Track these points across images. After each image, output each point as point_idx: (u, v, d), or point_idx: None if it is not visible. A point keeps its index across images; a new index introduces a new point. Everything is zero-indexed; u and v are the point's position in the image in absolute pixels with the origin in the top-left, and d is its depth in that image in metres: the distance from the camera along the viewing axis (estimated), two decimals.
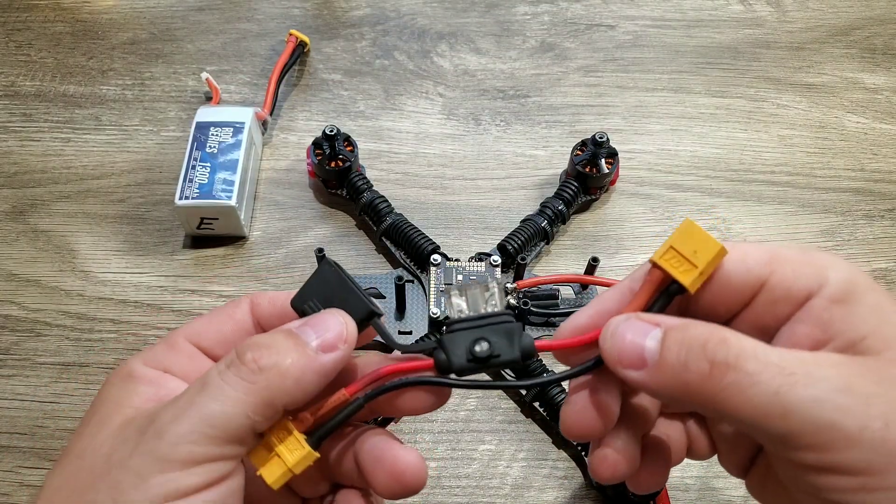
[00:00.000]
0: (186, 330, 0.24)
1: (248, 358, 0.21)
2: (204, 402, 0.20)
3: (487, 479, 0.39)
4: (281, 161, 0.51)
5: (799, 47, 0.58)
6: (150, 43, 0.57)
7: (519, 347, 0.23)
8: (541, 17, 0.60)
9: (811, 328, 0.21)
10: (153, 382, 0.23)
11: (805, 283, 0.21)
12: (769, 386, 0.18)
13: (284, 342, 0.22)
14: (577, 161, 0.47)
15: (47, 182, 0.49)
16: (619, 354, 0.21)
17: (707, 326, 0.20)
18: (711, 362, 0.19)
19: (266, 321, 0.25)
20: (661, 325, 0.21)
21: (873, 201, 0.50)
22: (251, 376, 0.21)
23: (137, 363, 0.24)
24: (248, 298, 0.25)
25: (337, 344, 0.22)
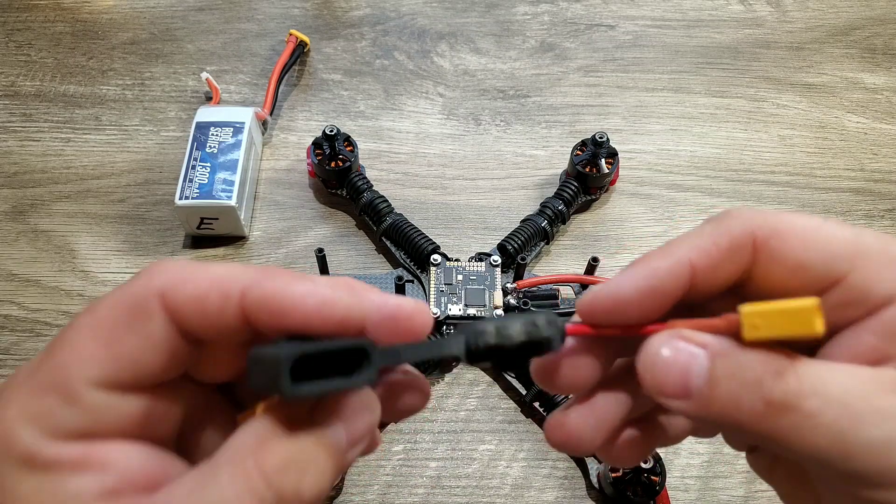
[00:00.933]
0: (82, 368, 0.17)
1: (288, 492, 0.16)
2: None
3: (487, 479, 0.39)
4: (281, 161, 0.51)
5: (799, 47, 0.58)
6: (150, 43, 0.57)
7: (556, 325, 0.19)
8: (541, 17, 0.60)
9: (879, 340, 0.18)
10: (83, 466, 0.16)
11: (886, 287, 0.18)
12: (832, 428, 0.17)
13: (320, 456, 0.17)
14: (577, 161, 0.47)
15: (47, 182, 0.49)
16: (662, 384, 0.18)
17: (758, 353, 0.18)
18: (767, 401, 0.17)
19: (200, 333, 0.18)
20: (706, 348, 0.18)
21: (873, 201, 0.50)
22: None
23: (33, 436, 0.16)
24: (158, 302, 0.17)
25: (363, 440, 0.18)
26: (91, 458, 0.16)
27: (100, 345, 0.17)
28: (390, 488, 0.39)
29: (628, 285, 0.19)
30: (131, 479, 0.17)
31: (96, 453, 0.17)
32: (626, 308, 0.19)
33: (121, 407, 0.17)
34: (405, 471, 0.39)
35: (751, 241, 0.19)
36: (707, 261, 0.19)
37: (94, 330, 0.17)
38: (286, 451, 0.17)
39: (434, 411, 0.41)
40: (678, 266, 0.19)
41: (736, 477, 0.39)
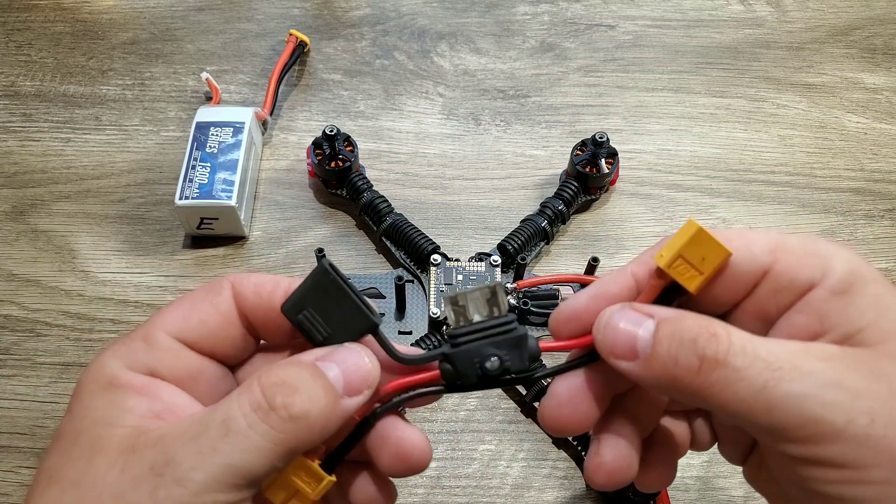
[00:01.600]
0: (165, 323, 0.22)
1: (278, 404, 0.19)
2: (230, 450, 0.19)
3: (487, 479, 0.39)
4: (281, 161, 0.51)
5: (799, 47, 0.58)
6: (150, 43, 0.57)
7: (527, 355, 0.22)
8: (541, 17, 0.60)
9: (809, 319, 0.21)
10: (144, 392, 0.21)
11: (808, 273, 0.21)
12: (755, 381, 0.19)
13: (312, 384, 0.20)
14: (577, 161, 0.47)
15: (47, 182, 0.49)
16: (612, 345, 0.21)
17: (699, 319, 0.20)
18: (701, 357, 0.19)
19: (252, 314, 0.23)
20: (654, 317, 0.21)
21: (873, 201, 0.50)
22: (281, 425, 0.19)
23: (118, 366, 0.21)
24: (229, 284, 0.23)
25: (362, 388, 0.21)
26: (151, 388, 0.21)
27: (181, 309, 0.22)
28: None
29: (581, 297, 0.23)
30: (174, 411, 0.21)
31: (155, 386, 0.21)
32: (581, 316, 0.22)
33: (184, 357, 0.22)
34: None
35: None
36: (645, 268, 0.22)
37: (180, 301, 0.23)
38: (284, 374, 0.20)
39: (434, 411, 0.41)
40: (621, 276, 0.23)
41: (736, 477, 0.39)
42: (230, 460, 0.19)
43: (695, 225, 0.21)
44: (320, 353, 0.21)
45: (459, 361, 0.22)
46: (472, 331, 0.22)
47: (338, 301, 0.22)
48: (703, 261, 0.21)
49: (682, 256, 0.21)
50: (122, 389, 0.21)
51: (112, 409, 0.20)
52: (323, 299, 0.22)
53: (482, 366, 0.22)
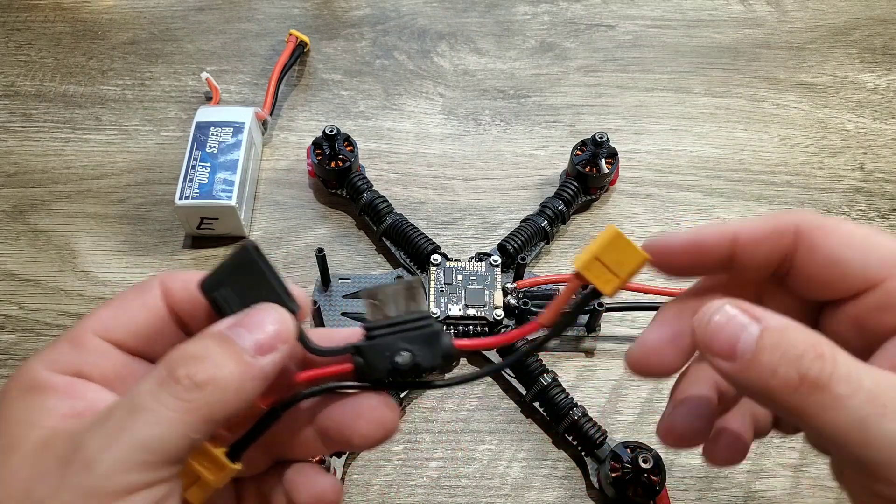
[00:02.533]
0: (92, 323, 0.22)
1: (181, 374, 0.19)
2: (137, 427, 0.18)
3: (487, 479, 0.39)
4: (281, 161, 0.51)
5: (799, 47, 0.58)
6: (150, 43, 0.57)
7: (440, 352, 0.22)
8: (541, 17, 0.60)
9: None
10: (66, 392, 0.20)
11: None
12: (856, 413, 0.18)
13: (218, 350, 0.20)
14: (577, 161, 0.47)
15: (47, 182, 0.49)
16: (712, 341, 0.20)
17: (807, 335, 0.19)
18: (803, 376, 0.18)
19: (180, 307, 0.22)
20: (760, 321, 0.19)
21: (873, 201, 0.50)
22: (187, 394, 0.19)
23: (40, 368, 0.21)
24: (157, 282, 0.22)
25: (275, 344, 0.20)
26: (73, 388, 0.21)
27: (110, 309, 0.22)
28: (390, 488, 0.39)
29: (677, 237, 0.22)
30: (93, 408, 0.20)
31: (78, 386, 0.21)
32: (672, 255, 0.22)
33: (112, 357, 0.22)
34: (405, 471, 0.39)
35: (794, 229, 0.21)
36: (749, 235, 0.21)
37: (109, 301, 0.22)
38: (187, 348, 0.20)
39: (434, 411, 0.41)
40: (722, 232, 0.22)
41: (736, 477, 0.39)
42: (138, 437, 0.18)
43: (613, 229, 0.21)
44: (229, 321, 0.21)
45: (371, 354, 0.22)
46: (386, 324, 0.22)
47: (257, 284, 0.21)
48: (619, 265, 0.21)
49: (599, 259, 0.21)
50: (42, 391, 0.20)
51: (31, 410, 0.20)
52: (242, 280, 0.21)
53: (392, 360, 0.21)
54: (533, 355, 0.40)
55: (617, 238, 0.21)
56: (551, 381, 0.39)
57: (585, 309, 0.42)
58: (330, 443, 0.23)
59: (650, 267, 0.23)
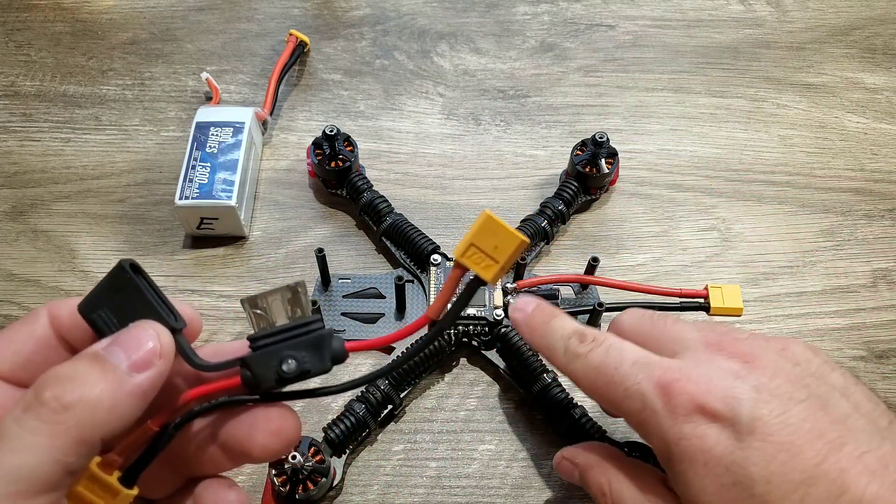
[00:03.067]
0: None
1: (47, 397, 0.18)
2: (3, 456, 0.18)
3: (487, 479, 0.39)
4: (281, 161, 0.51)
5: (799, 47, 0.58)
6: (150, 43, 0.57)
7: (329, 356, 0.21)
8: (541, 17, 0.60)
9: None
10: None
11: None
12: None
13: (89, 370, 0.19)
14: (577, 161, 0.47)
15: (47, 182, 0.49)
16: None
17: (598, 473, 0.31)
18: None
19: (69, 333, 0.22)
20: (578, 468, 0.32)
21: (873, 201, 0.50)
22: (54, 416, 0.18)
23: None
24: (46, 309, 0.22)
25: (151, 360, 0.20)
26: None
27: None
28: (390, 488, 0.39)
29: None
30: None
31: None
32: None
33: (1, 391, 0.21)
34: (405, 471, 0.39)
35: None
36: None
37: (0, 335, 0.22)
38: (58, 370, 0.20)
39: (434, 411, 0.41)
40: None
41: None
42: (5, 467, 0.18)
43: (485, 214, 0.21)
44: (105, 341, 0.21)
45: (257, 365, 0.21)
46: (272, 333, 0.21)
47: (135, 303, 0.21)
48: (495, 249, 0.21)
49: (475, 245, 0.21)
50: None
51: None
52: (120, 300, 0.21)
53: (279, 368, 0.21)
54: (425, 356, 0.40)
55: (488, 221, 0.21)
56: (551, 380, 0.39)
57: (584, 309, 0.42)
58: (233, 457, 0.23)
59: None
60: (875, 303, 0.45)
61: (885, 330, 0.44)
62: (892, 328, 0.44)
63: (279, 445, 0.22)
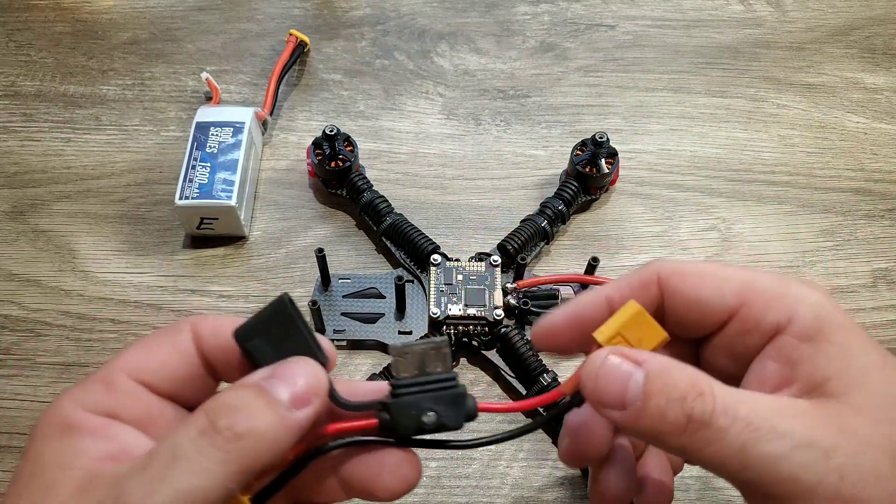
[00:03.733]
0: (124, 363, 0.22)
1: (222, 425, 0.19)
2: (179, 476, 0.19)
3: (487, 479, 0.39)
4: (281, 161, 0.51)
5: (799, 47, 0.58)
6: (151, 43, 0.57)
7: (464, 414, 0.23)
8: (541, 17, 0.60)
9: (779, 366, 0.22)
10: (100, 434, 0.20)
11: (774, 317, 0.22)
12: (735, 441, 0.20)
13: (256, 402, 0.20)
14: (577, 161, 0.47)
15: (47, 182, 0.49)
16: (602, 394, 0.21)
17: (687, 374, 0.21)
18: (689, 417, 0.20)
19: (210, 353, 0.23)
20: (642, 366, 0.21)
21: (873, 201, 0.50)
22: (227, 445, 0.19)
23: (74, 408, 0.21)
24: (189, 325, 0.23)
25: (310, 398, 0.21)
26: (107, 430, 0.21)
27: (141, 350, 0.22)
28: None
29: (558, 315, 0.24)
30: (131, 453, 0.20)
31: (112, 428, 0.21)
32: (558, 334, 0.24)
33: (143, 399, 0.22)
34: None
35: (655, 279, 0.23)
36: (620, 294, 0.24)
37: (140, 342, 0.23)
38: (225, 399, 0.20)
39: None
40: (596, 299, 0.24)
41: None
42: (180, 486, 0.19)
43: (635, 306, 0.22)
44: (264, 372, 0.21)
45: (398, 412, 0.22)
46: (414, 383, 0.22)
47: (289, 336, 0.22)
48: (640, 341, 0.22)
49: (621, 335, 0.22)
50: (76, 432, 0.20)
51: (65, 451, 0.20)
52: (276, 331, 0.22)
53: (419, 419, 0.22)
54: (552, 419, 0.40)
55: (639, 315, 0.22)
56: (551, 380, 0.39)
57: None
58: (351, 492, 0.24)
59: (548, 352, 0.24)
60: (875, 303, 0.45)
61: (885, 330, 0.44)
62: (892, 328, 0.44)
63: (403, 488, 0.23)
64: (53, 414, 0.21)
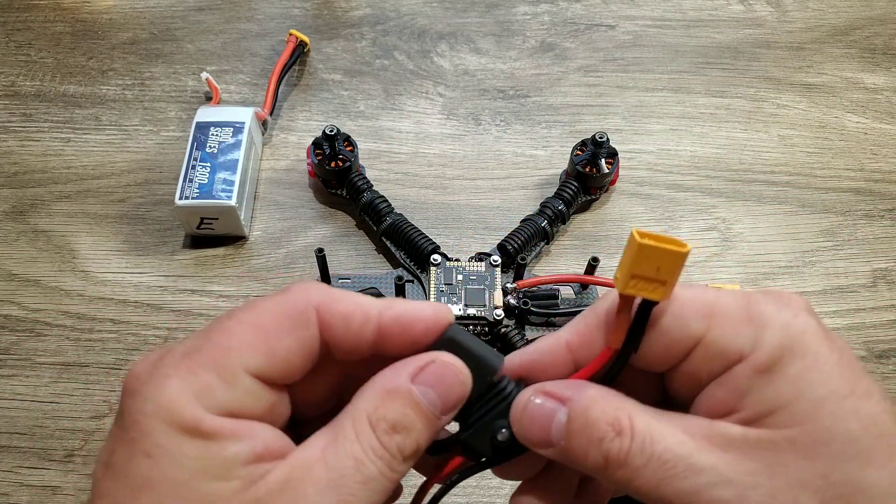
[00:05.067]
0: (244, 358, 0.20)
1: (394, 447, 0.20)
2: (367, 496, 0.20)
3: (488, 479, 0.39)
4: (281, 161, 0.51)
5: (799, 47, 0.58)
6: (150, 43, 0.57)
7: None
8: (541, 16, 0.60)
9: (728, 394, 0.21)
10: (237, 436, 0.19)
11: (738, 344, 0.20)
12: (651, 478, 0.20)
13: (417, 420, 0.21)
14: (577, 161, 0.47)
15: (47, 182, 0.49)
16: (528, 435, 0.22)
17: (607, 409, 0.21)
18: (605, 458, 0.20)
19: (338, 345, 0.21)
20: (566, 404, 0.21)
21: (873, 201, 0.50)
22: (400, 467, 0.21)
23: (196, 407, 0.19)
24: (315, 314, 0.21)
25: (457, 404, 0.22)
26: (241, 430, 0.20)
27: (261, 340, 0.20)
28: None
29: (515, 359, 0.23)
30: (272, 451, 0.20)
31: (245, 428, 0.20)
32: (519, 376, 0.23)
33: (264, 396, 0.20)
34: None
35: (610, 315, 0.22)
36: (579, 338, 0.23)
37: (256, 327, 0.20)
38: (392, 413, 0.20)
39: None
40: (555, 345, 0.23)
41: None
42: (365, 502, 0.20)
43: (636, 239, 0.20)
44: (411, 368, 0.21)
45: (474, 441, 0.22)
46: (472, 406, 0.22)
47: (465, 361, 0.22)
48: (659, 270, 0.20)
49: (636, 275, 0.20)
50: (214, 435, 0.19)
51: (211, 459, 0.19)
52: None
53: (493, 439, 0.22)
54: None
55: (643, 249, 0.20)
56: None
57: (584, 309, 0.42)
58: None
59: None
60: (875, 303, 0.45)
61: (885, 330, 0.44)
62: (891, 328, 0.44)
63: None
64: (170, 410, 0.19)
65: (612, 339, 0.22)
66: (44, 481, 0.38)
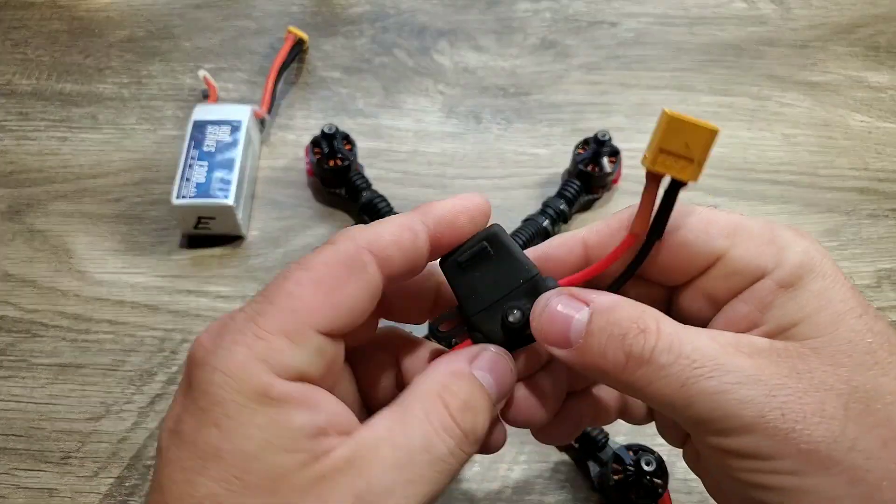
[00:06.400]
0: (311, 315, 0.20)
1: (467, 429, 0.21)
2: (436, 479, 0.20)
3: (489, 481, 0.39)
4: (279, 160, 0.51)
5: (803, 45, 0.58)
6: (148, 41, 0.57)
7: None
8: (542, 13, 0.60)
9: (751, 309, 0.21)
10: (303, 404, 0.19)
11: (761, 261, 0.21)
12: (677, 378, 0.19)
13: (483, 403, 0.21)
14: (579, 160, 0.47)
15: (44, 181, 0.49)
16: (547, 332, 0.21)
17: (632, 311, 0.20)
18: (627, 354, 0.20)
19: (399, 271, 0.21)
20: (590, 305, 0.21)
21: (878, 200, 0.49)
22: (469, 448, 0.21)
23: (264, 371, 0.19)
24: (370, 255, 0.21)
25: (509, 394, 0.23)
26: (308, 398, 0.19)
27: (322, 295, 0.20)
28: None
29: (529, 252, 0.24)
30: (333, 421, 0.20)
31: (311, 395, 0.20)
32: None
33: (327, 352, 0.20)
34: None
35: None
36: (597, 237, 0.23)
37: (315, 283, 0.20)
38: (462, 394, 0.21)
39: None
40: (571, 240, 0.24)
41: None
42: (436, 487, 0.20)
43: (667, 114, 0.20)
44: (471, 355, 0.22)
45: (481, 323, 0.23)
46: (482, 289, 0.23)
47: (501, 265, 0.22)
48: (688, 147, 0.20)
49: (664, 150, 0.20)
50: (281, 403, 0.19)
51: (279, 429, 0.19)
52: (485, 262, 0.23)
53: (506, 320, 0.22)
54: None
55: (673, 122, 0.19)
56: None
57: None
58: None
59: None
60: (879, 303, 0.45)
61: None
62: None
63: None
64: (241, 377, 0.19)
65: (636, 224, 0.22)
66: (40, 483, 0.38)
